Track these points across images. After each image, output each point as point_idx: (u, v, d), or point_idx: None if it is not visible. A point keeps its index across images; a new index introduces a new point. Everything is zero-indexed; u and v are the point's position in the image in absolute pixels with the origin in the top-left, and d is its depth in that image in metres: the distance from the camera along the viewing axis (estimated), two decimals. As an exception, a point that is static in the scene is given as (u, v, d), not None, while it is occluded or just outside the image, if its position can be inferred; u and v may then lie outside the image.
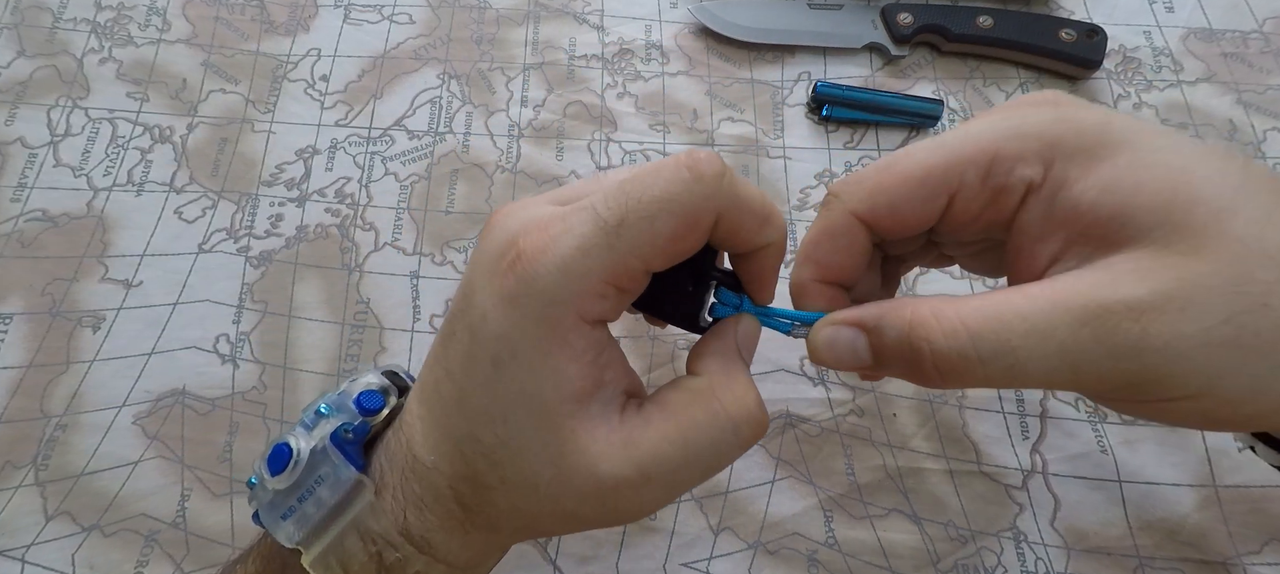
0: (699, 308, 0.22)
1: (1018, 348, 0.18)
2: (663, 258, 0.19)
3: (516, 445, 0.19)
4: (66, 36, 0.43)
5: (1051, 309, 0.18)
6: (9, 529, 0.31)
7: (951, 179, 0.20)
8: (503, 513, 0.21)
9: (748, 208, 0.20)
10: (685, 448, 0.19)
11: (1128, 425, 0.33)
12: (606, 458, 0.19)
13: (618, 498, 0.19)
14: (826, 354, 0.21)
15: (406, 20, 0.45)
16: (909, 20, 0.43)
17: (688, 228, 0.19)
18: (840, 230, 0.22)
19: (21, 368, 0.34)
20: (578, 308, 0.19)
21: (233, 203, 0.39)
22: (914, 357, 0.19)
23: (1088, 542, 0.31)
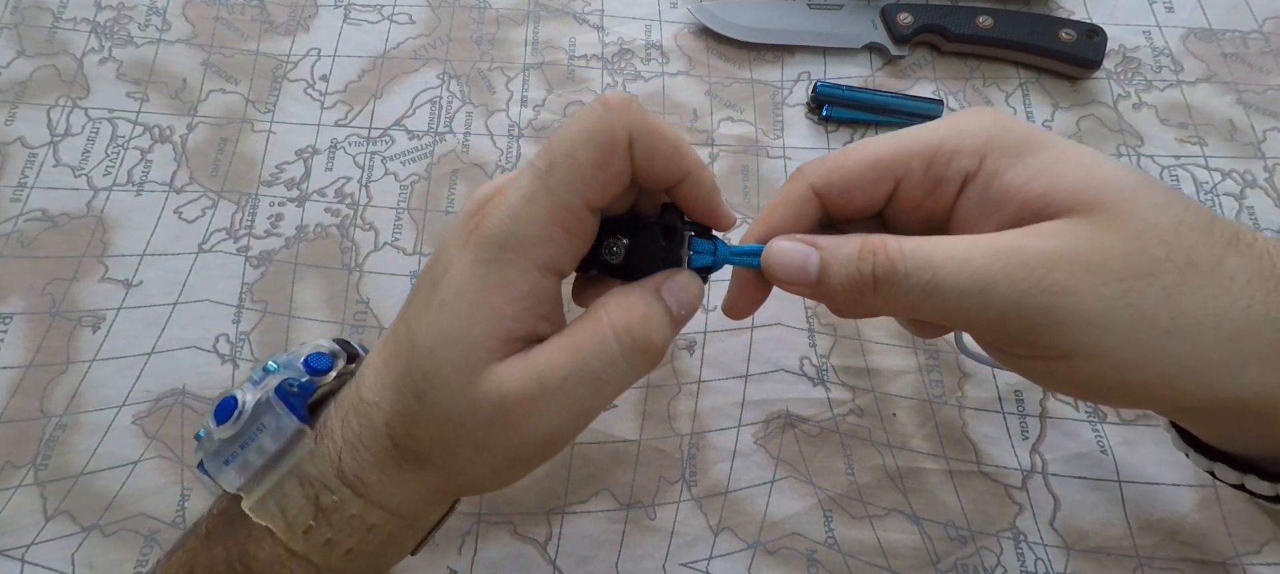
0: (676, 263, 0.23)
1: (939, 267, 0.20)
2: (596, 189, 0.21)
3: (440, 376, 0.21)
4: (66, 36, 0.43)
5: (972, 244, 0.20)
6: (9, 529, 0.31)
7: (898, 166, 0.23)
8: (427, 447, 0.22)
9: (658, 131, 0.21)
10: (575, 354, 0.21)
11: (1128, 425, 0.33)
12: (510, 378, 0.21)
13: (518, 415, 0.21)
14: (779, 260, 0.23)
15: (406, 20, 0.45)
16: (909, 20, 0.43)
17: (607, 153, 0.20)
18: (797, 200, 0.24)
19: (21, 368, 0.34)
20: (527, 252, 0.21)
21: (233, 203, 0.39)
22: (858, 270, 0.21)
23: (1087, 542, 0.31)
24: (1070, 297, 0.19)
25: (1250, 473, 0.23)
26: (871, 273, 0.21)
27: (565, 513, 0.32)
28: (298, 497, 0.22)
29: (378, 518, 0.23)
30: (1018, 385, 0.34)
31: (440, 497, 0.24)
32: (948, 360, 0.35)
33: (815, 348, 0.36)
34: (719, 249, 0.24)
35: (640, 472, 0.33)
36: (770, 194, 0.40)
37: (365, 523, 0.22)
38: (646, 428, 0.34)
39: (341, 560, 0.23)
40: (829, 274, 0.22)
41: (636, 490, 0.33)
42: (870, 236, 0.22)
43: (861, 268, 0.21)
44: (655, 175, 0.22)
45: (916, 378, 0.35)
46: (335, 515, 0.22)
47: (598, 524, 0.32)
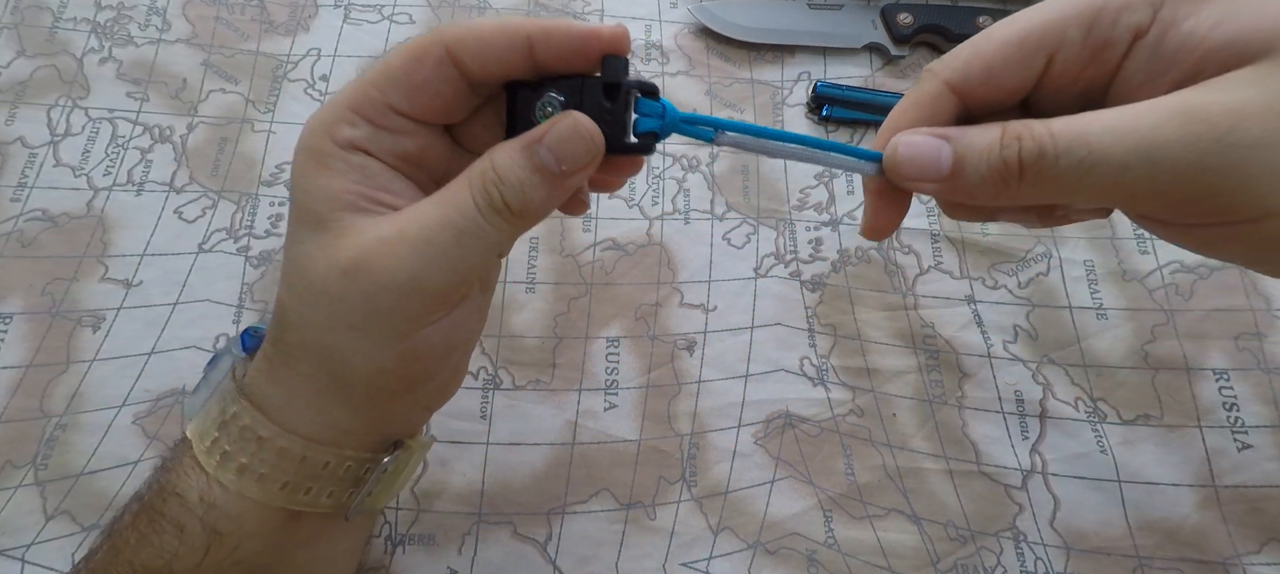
0: (622, 126, 0.21)
1: (1093, 141, 0.18)
2: (402, 91, 0.21)
3: (298, 252, 0.22)
4: (66, 36, 0.43)
5: (1136, 112, 0.18)
6: (9, 529, 0.31)
7: (1050, 39, 0.20)
8: (291, 326, 0.22)
9: (478, 25, 0.21)
10: (440, 206, 0.21)
11: (1128, 425, 0.33)
12: (371, 226, 0.21)
13: (376, 259, 0.20)
14: (906, 155, 0.21)
15: (406, 20, 0.45)
16: (909, 20, 0.43)
17: (415, 60, 0.21)
18: (929, 99, 0.22)
19: (21, 367, 0.34)
20: (329, 134, 0.21)
21: (233, 203, 0.39)
22: (1002, 159, 0.19)
23: (1087, 542, 0.31)
24: (1261, 147, 0.17)
25: None
26: (1017, 159, 0.19)
27: (565, 513, 0.32)
28: (213, 411, 0.23)
29: (268, 431, 0.22)
30: (1018, 386, 0.34)
31: (322, 401, 0.23)
32: (947, 360, 0.35)
33: (815, 348, 0.36)
34: (667, 110, 0.21)
35: (640, 472, 0.33)
36: (770, 194, 0.40)
37: (255, 435, 0.22)
38: (646, 428, 0.34)
39: (236, 477, 0.22)
40: (965, 166, 0.20)
41: (636, 490, 0.33)
42: (1010, 123, 0.20)
43: (1006, 155, 0.19)
44: (498, 63, 0.21)
45: (916, 378, 0.35)
46: (233, 425, 0.23)
47: (598, 524, 0.32)
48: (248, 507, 0.23)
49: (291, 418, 0.23)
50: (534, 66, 0.21)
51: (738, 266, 0.38)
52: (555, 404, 0.34)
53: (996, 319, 0.36)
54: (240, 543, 0.23)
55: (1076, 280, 0.37)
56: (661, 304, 0.37)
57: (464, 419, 0.34)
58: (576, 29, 0.21)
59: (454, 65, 0.21)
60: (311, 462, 0.23)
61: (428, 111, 0.22)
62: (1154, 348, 0.35)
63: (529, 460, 0.33)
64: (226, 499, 0.23)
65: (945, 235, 0.38)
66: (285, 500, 0.23)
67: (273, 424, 0.22)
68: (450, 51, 0.21)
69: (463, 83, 0.22)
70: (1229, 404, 0.33)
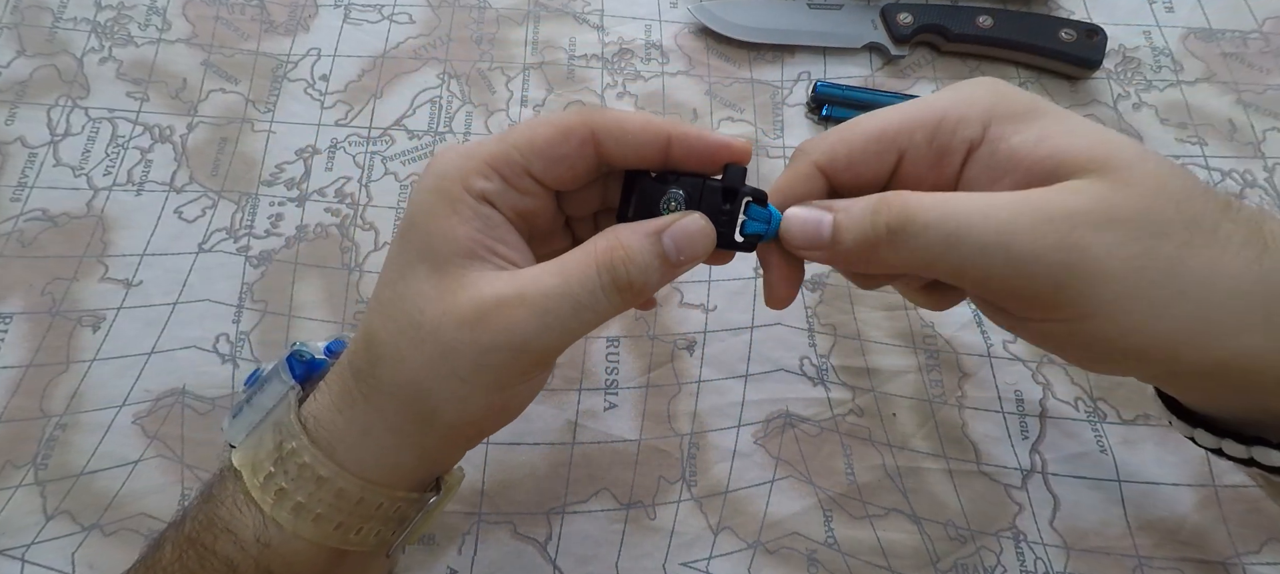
0: (732, 225, 0.23)
1: (961, 218, 0.20)
2: (542, 161, 0.22)
3: (409, 290, 0.22)
4: (66, 36, 0.43)
5: (994, 199, 0.20)
6: (9, 529, 0.31)
7: (902, 139, 0.22)
8: (386, 363, 0.22)
9: (624, 119, 0.23)
10: (560, 276, 0.21)
11: (1127, 425, 0.33)
12: (491, 283, 0.22)
13: (494, 316, 0.21)
14: (793, 226, 0.23)
15: (406, 20, 0.45)
16: (909, 20, 0.43)
17: (561, 134, 0.22)
18: (803, 178, 0.24)
19: (21, 367, 0.34)
20: (463, 181, 0.22)
21: (233, 202, 0.39)
22: (872, 224, 0.21)
23: (1087, 541, 0.31)
24: (1094, 253, 0.19)
25: (1227, 437, 0.23)
26: (886, 225, 0.21)
27: (565, 513, 0.32)
28: (268, 443, 0.23)
29: (328, 471, 0.22)
30: (1018, 385, 0.34)
31: (396, 441, 0.23)
32: (948, 360, 0.35)
33: (815, 348, 0.36)
34: (774, 217, 0.24)
35: (640, 471, 0.33)
36: (770, 194, 0.40)
37: (315, 474, 0.22)
38: (646, 428, 0.34)
39: (292, 517, 0.22)
40: (842, 233, 0.22)
41: (636, 490, 0.33)
42: (885, 193, 0.21)
43: (876, 221, 0.21)
44: (636, 154, 0.23)
45: (916, 378, 0.35)
46: (291, 462, 0.22)
47: (598, 524, 0.32)
48: (301, 546, 0.23)
49: (356, 456, 0.23)
50: (664, 162, 0.23)
51: (738, 266, 0.38)
52: (555, 404, 0.34)
53: (996, 319, 0.36)
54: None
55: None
56: (661, 304, 0.37)
57: (464, 419, 0.34)
58: (711, 139, 0.23)
59: (594, 147, 0.23)
60: (367, 503, 0.23)
61: (558, 182, 0.23)
62: (1154, 348, 0.35)
63: (529, 460, 0.33)
64: (282, 540, 0.22)
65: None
66: (338, 540, 0.23)
67: (333, 463, 0.22)
68: (595, 136, 0.22)
69: (596, 162, 0.23)
70: (1229, 404, 0.33)
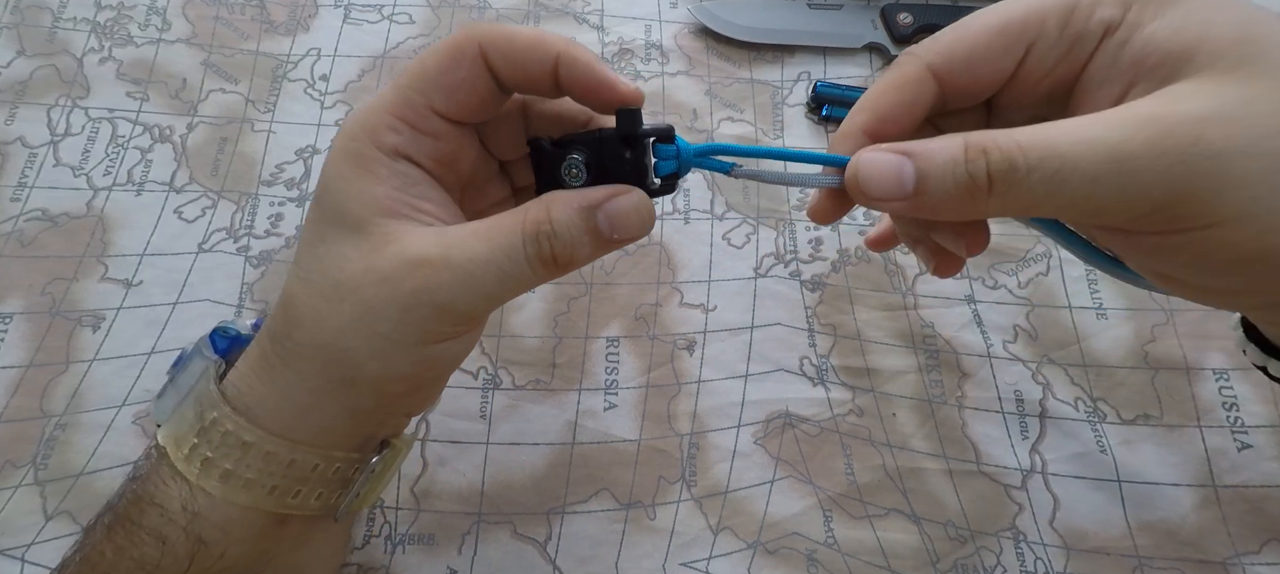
0: (643, 172, 0.22)
1: (1066, 153, 0.18)
2: (442, 92, 0.22)
3: (328, 252, 0.22)
4: (66, 36, 0.43)
5: (1104, 121, 0.18)
6: (8, 529, 0.31)
7: (1030, 29, 0.20)
8: (303, 325, 0.22)
9: (511, 33, 0.22)
10: (488, 243, 0.21)
11: (1127, 425, 0.33)
12: (419, 238, 0.21)
13: (420, 274, 0.21)
14: (868, 174, 0.20)
15: (406, 20, 0.45)
16: (909, 20, 0.43)
17: (451, 59, 0.22)
18: (909, 82, 0.22)
19: (21, 367, 0.34)
20: (372, 138, 0.22)
21: (233, 202, 0.39)
22: (969, 173, 0.19)
23: (1087, 542, 0.31)
24: (1225, 158, 0.17)
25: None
26: (986, 173, 0.19)
27: (565, 513, 0.32)
28: (189, 417, 0.23)
29: (253, 436, 0.22)
30: (1017, 385, 0.34)
31: (318, 402, 0.22)
32: (948, 360, 0.35)
33: (815, 348, 0.36)
34: (682, 150, 0.22)
35: (640, 471, 0.33)
36: (770, 193, 0.40)
37: (239, 440, 0.22)
38: (646, 428, 0.34)
39: (221, 485, 0.22)
40: (929, 183, 0.19)
41: (636, 490, 0.33)
42: (972, 135, 0.19)
43: (972, 170, 0.19)
44: (524, 72, 0.22)
45: (916, 378, 0.35)
46: (214, 431, 0.22)
47: (597, 524, 0.32)
48: (234, 512, 0.22)
49: (281, 420, 0.22)
50: (555, 85, 0.22)
51: (738, 266, 0.38)
52: (555, 404, 0.34)
53: (996, 319, 0.36)
54: (227, 550, 0.22)
55: (1076, 280, 0.37)
56: (661, 304, 0.37)
57: (464, 419, 0.34)
58: (599, 69, 0.22)
59: (485, 64, 0.22)
60: (300, 464, 0.23)
61: (463, 111, 0.22)
62: (1154, 348, 0.35)
63: (529, 460, 0.33)
64: (212, 507, 0.22)
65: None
66: (274, 504, 0.23)
67: (257, 428, 0.22)
68: (483, 50, 0.22)
69: (492, 83, 0.22)
70: (1229, 404, 0.33)
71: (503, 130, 0.25)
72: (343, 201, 0.22)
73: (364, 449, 0.25)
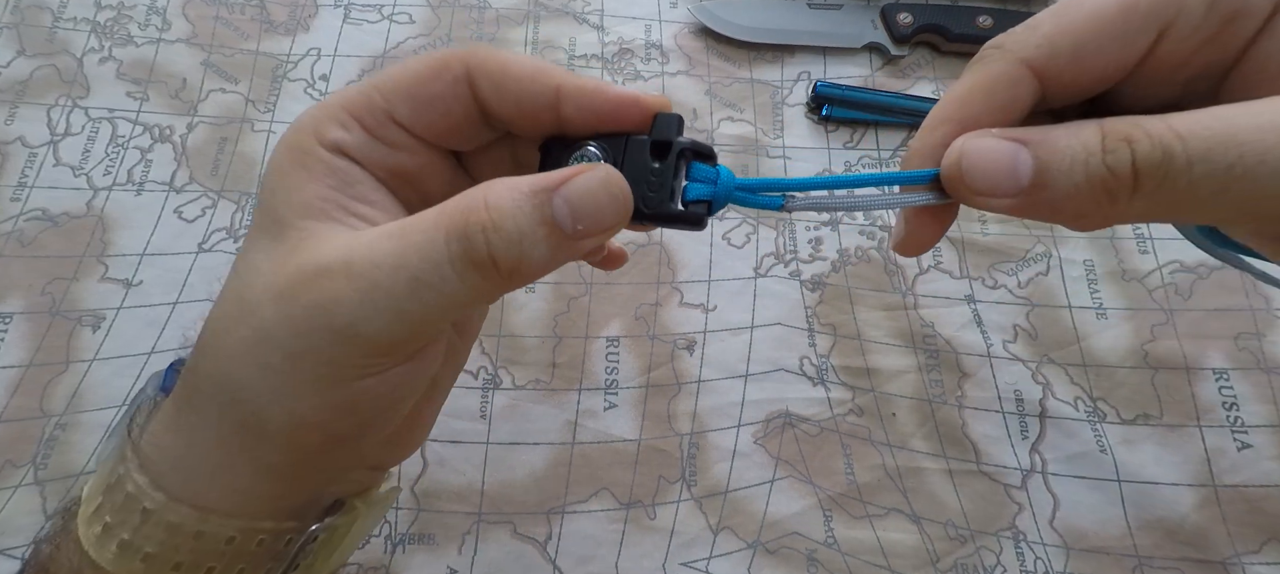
0: (667, 191, 0.18)
1: (1246, 142, 0.14)
2: (408, 103, 0.19)
3: (244, 262, 0.18)
4: (66, 36, 0.43)
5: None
6: (8, 528, 0.31)
7: (1167, 8, 0.16)
8: (206, 353, 0.18)
9: (507, 58, 0.19)
10: (399, 241, 0.17)
11: (1127, 425, 0.33)
12: (322, 245, 0.17)
13: (311, 293, 0.17)
14: (977, 163, 0.16)
15: (406, 20, 0.45)
16: (909, 20, 0.43)
17: (431, 72, 0.19)
18: (1002, 84, 0.17)
19: (21, 367, 0.34)
20: (315, 132, 0.19)
21: (233, 202, 0.39)
22: (1106, 167, 0.15)
23: (1087, 541, 0.31)
24: None
25: None
26: (1130, 166, 0.15)
27: (565, 512, 0.32)
28: (105, 469, 0.19)
29: (154, 501, 0.18)
30: (1017, 385, 0.34)
31: (223, 454, 0.18)
32: (947, 360, 0.35)
33: (815, 348, 0.36)
34: (722, 177, 0.18)
35: (640, 471, 0.33)
36: (770, 194, 0.40)
37: (138, 504, 0.18)
38: (646, 427, 0.34)
39: (117, 557, 0.18)
40: (1052, 176, 0.16)
41: (636, 490, 0.33)
42: (1110, 120, 0.15)
43: (1113, 163, 0.15)
44: (517, 105, 0.19)
45: (916, 377, 0.35)
46: (118, 491, 0.18)
47: (597, 524, 0.32)
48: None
49: (186, 477, 0.18)
50: (556, 121, 0.19)
51: (738, 266, 0.38)
52: (555, 404, 0.34)
53: (996, 319, 0.36)
54: None
55: (1076, 280, 0.37)
56: (661, 304, 0.37)
57: (464, 419, 0.34)
58: (613, 93, 0.18)
59: (470, 89, 0.19)
60: (210, 537, 0.18)
61: (432, 131, 0.19)
62: (1154, 347, 0.35)
63: (529, 460, 0.33)
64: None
65: (945, 235, 0.38)
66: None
67: (160, 491, 0.18)
68: (470, 73, 0.19)
69: (475, 110, 0.19)
70: (1229, 404, 0.33)
71: (491, 160, 0.21)
72: (269, 198, 0.18)
73: (302, 516, 0.20)
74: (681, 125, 0.19)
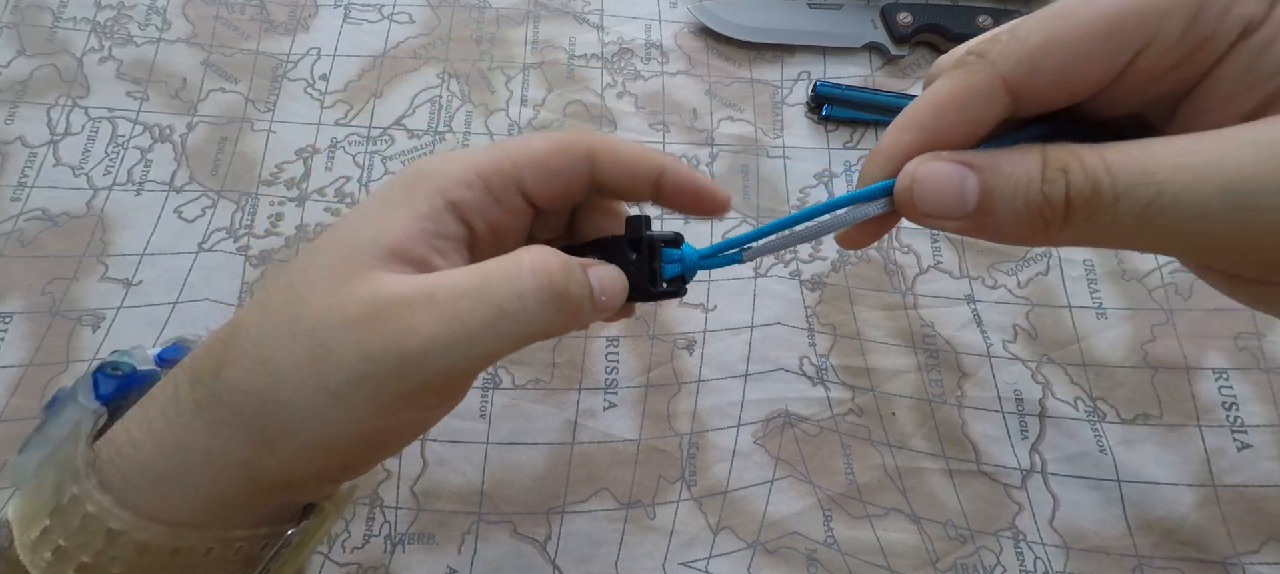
0: (649, 275, 0.23)
1: (1166, 180, 0.14)
2: (533, 170, 0.21)
3: (300, 279, 0.18)
4: (66, 36, 0.43)
5: (1219, 144, 0.15)
6: (9, 528, 0.31)
7: (1145, 28, 0.16)
8: (238, 365, 0.18)
9: (620, 144, 0.22)
10: (480, 275, 0.18)
11: (1127, 425, 0.33)
12: (393, 282, 0.18)
13: (387, 318, 0.17)
14: (926, 189, 0.17)
15: (406, 19, 0.45)
16: (909, 20, 0.43)
17: (558, 148, 0.21)
18: (978, 99, 0.17)
19: (21, 366, 0.34)
20: (437, 181, 0.20)
21: (232, 202, 0.39)
22: (1044, 196, 0.16)
23: (1086, 541, 0.31)
24: None
25: None
26: (1063, 198, 0.15)
27: (565, 512, 0.32)
28: (47, 488, 0.18)
29: (122, 522, 0.17)
30: (1017, 385, 0.34)
31: (216, 466, 0.18)
32: (947, 360, 0.35)
33: (815, 347, 0.36)
34: (687, 255, 0.23)
35: (640, 471, 0.33)
36: (770, 194, 0.40)
37: (103, 527, 0.17)
38: (646, 427, 0.34)
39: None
40: (996, 203, 0.16)
41: (636, 490, 0.33)
42: (1051, 149, 0.16)
43: (1049, 192, 0.16)
44: (629, 180, 0.22)
45: (916, 377, 0.35)
46: (72, 513, 0.17)
47: (597, 524, 0.32)
48: None
49: (162, 488, 0.18)
50: (656, 194, 0.23)
51: (737, 266, 0.38)
52: (555, 403, 0.34)
53: (996, 318, 0.36)
54: None
55: (1076, 280, 0.37)
56: (661, 304, 0.37)
57: (464, 418, 0.34)
58: (701, 179, 0.22)
59: (590, 166, 0.22)
60: (188, 552, 0.18)
61: (547, 196, 0.22)
62: (1153, 347, 0.35)
63: (528, 460, 0.33)
64: None
65: (945, 235, 0.38)
66: None
67: (126, 509, 0.17)
68: (592, 155, 0.21)
69: (587, 185, 0.22)
70: (1228, 403, 0.33)
71: (549, 223, 0.24)
72: (353, 230, 0.18)
73: (275, 521, 0.20)
74: (649, 222, 0.23)
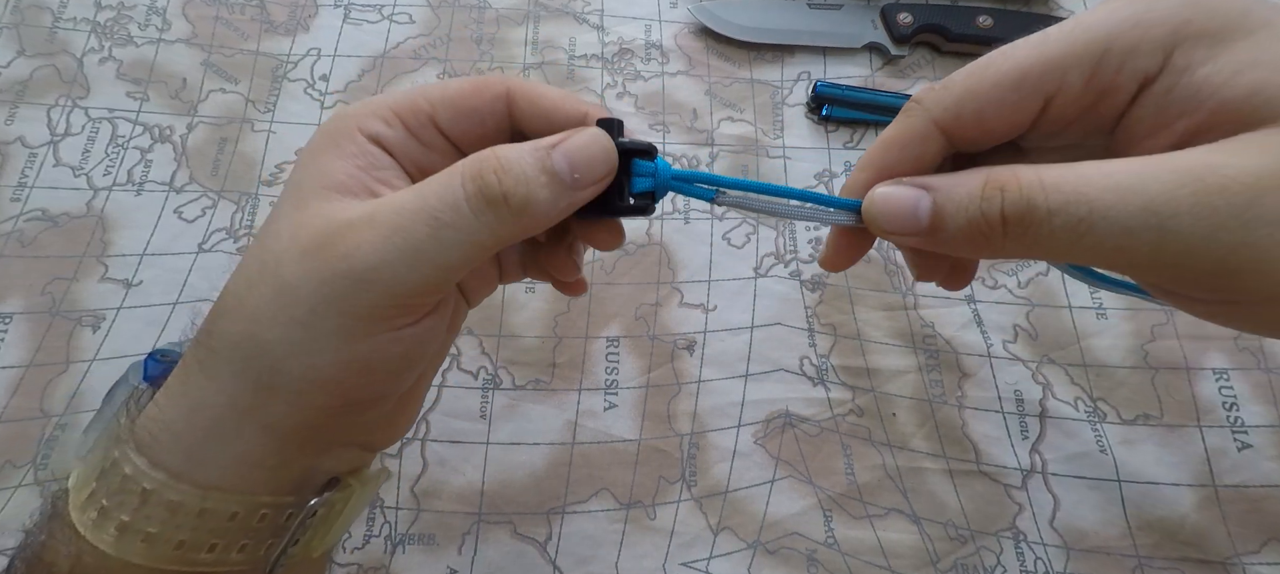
0: (618, 190, 0.21)
1: (1095, 200, 0.16)
2: (449, 106, 0.21)
3: (266, 228, 0.20)
4: (66, 36, 0.43)
5: (1143, 169, 0.16)
6: (8, 529, 0.31)
7: (1050, 81, 0.19)
8: (226, 313, 0.19)
9: (543, 88, 0.22)
10: (417, 192, 0.19)
11: (1127, 425, 0.33)
12: (340, 208, 0.19)
13: (338, 241, 0.18)
14: (883, 208, 0.19)
15: (406, 20, 0.45)
16: (909, 20, 0.43)
17: (474, 88, 0.21)
18: (915, 139, 0.20)
19: (21, 367, 0.34)
20: (357, 122, 0.21)
21: (233, 202, 0.39)
22: (983, 212, 0.18)
23: (1087, 541, 0.31)
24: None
25: None
26: (1000, 214, 0.17)
27: (565, 513, 0.32)
28: (96, 457, 0.20)
29: (154, 481, 0.18)
30: (1017, 385, 0.34)
31: (233, 416, 0.19)
32: (947, 360, 0.35)
33: (815, 348, 0.36)
34: (661, 170, 0.21)
35: (640, 471, 0.33)
36: (770, 194, 0.40)
37: (139, 486, 0.19)
38: (646, 428, 0.34)
39: (115, 539, 0.18)
40: (945, 220, 0.18)
41: (636, 490, 0.33)
42: (995, 170, 0.18)
43: (986, 209, 0.18)
44: (545, 123, 0.22)
45: (916, 377, 0.35)
46: (113, 474, 0.19)
47: (597, 524, 0.32)
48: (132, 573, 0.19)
49: (190, 452, 0.19)
50: None
51: (738, 266, 0.38)
52: (555, 404, 0.34)
53: (996, 319, 0.36)
54: None
55: (1076, 280, 0.37)
56: (661, 304, 0.37)
57: (464, 419, 0.34)
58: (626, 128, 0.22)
59: (508, 108, 0.22)
60: (213, 514, 0.19)
61: (466, 138, 0.22)
62: (1154, 347, 0.35)
63: (529, 460, 0.33)
64: (104, 567, 0.19)
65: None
66: (181, 563, 0.19)
67: (160, 470, 0.19)
68: (510, 94, 0.22)
69: (508, 127, 0.22)
70: (1229, 404, 0.33)
71: None
72: (298, 175, 0.20)
73: (300, 491, 0.21)
74: (622, 128, 0.21)
